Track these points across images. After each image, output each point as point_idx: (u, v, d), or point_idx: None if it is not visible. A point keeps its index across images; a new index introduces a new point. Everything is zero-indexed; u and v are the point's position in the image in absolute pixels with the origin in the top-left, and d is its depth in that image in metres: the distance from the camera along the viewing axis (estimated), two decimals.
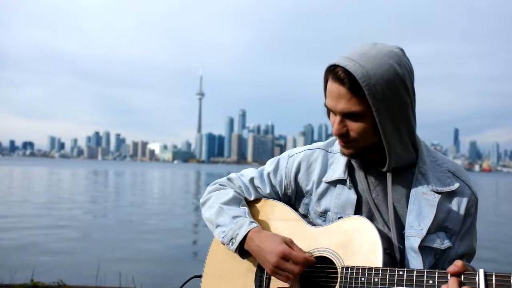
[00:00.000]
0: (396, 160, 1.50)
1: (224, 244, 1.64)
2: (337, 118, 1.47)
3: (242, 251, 1.61)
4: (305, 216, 1.69)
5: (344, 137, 1.48)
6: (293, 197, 1.73)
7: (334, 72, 1.43)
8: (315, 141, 1.78)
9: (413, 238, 1.48)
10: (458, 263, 1.28)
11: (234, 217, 1.64)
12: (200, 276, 1.77)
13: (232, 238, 1.60)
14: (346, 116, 1.45)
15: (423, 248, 1.48)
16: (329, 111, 1.52)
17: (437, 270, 1.31)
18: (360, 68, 1.39)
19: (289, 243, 1.54)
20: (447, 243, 1.50)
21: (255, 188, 1.75)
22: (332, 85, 1.44)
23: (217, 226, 1.66)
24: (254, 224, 1.61)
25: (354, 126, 1.46)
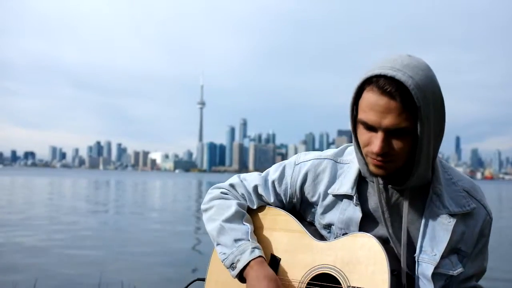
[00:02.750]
0: (416, 179, 1.41)
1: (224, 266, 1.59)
2: (380, 135, 1.33)
3: (242, 276, 1.55)
4: (311, 224, 1.64)
5: (385, 156, 1.35)
6: (298, 205, 1.67)
7: (378, 84, 1.29)
8: (316, 150, 1.73)
9: (426, 264, 1.41)
10: None
11: (236, 240, 1.57)
12: (203, 279, 1.73)
13: (233, 263, 1.54)
14: (390, 132, 1.32)
15: (436, 275, 1.41)
16: (355, 125, 1.41)
17: None
18: (411, 79, 1.26)
19: None
20: (459, 269, 1.44)
21: (259, 196, 1.68)
22: (378, 98, 1.29)
23: (218, 244, 1.61)
24: (257, 252, 1.53)
25: (398, 144, 1.33)
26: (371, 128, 1.35)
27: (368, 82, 1.32)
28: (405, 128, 1.30)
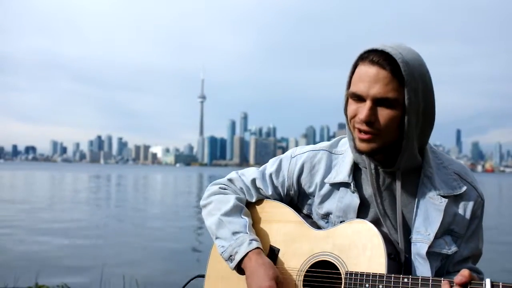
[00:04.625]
0: (407, 160, 1.46)
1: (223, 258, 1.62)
2: (367, 104, 1.38)
3: (240, 267, 1.57)
4: (308, 217, 1.66)
5: (370, 126, 1.40)
6: (296, 197, 1.69)
7: (368, 57, 1.38)
8: (317, 143, 1.76)
9: (420, 244, 1.46)
10: (465, 273, 1.26)
11: (234, 233, 1.59)
12: (203, 276, 1.75)
13: (231, 255, 1.57)
14: (378, 102, 1.38)
15: (430, 254, 1.45)
16: (347, 100, 1.46)
17: (442, 278, 1.29)
18: (400, 55, 1.35)
19: (280, 282, 1.50)
20: (453, 248, 1.49)
21: (257, 189, 1.72)
22: (368, 69, 1.37)
23: (217, 238, 1.64)
24: (254, 244, 1.56)
25: (385, 115, 1.38)
26: (359, 99, 1.40)
27: (361, 59, 1.41)
28: (393, 99, 1.36)
